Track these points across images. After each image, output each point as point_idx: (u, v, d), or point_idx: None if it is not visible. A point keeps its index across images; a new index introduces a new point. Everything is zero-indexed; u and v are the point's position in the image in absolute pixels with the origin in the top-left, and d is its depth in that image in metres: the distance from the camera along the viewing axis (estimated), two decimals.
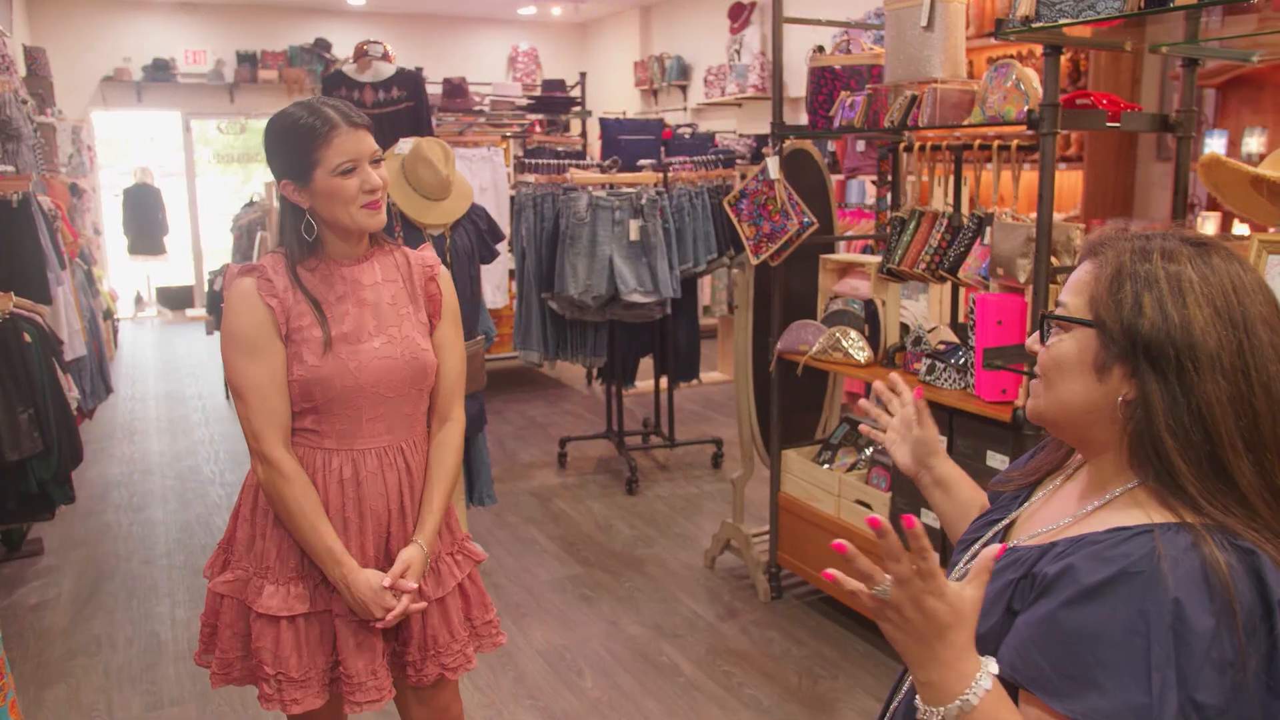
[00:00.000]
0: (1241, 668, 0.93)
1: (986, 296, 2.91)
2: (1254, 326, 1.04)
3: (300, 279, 1.90)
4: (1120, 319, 1.05)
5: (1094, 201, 5.59)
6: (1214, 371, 1.01)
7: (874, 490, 3.40)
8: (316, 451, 1.93)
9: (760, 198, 3.64)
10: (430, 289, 2.04)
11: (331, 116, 1.85)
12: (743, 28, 9.60)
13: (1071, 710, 0.95)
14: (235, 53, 11.19)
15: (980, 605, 1.00)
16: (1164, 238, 1.11)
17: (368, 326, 1.93)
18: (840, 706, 3.13)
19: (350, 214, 1.86)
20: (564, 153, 6.56)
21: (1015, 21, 2.47)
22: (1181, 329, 1.02)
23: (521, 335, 5.35)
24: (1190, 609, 0.93)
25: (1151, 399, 1.03)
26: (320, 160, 1.83)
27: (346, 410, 1.91)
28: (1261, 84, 4.89)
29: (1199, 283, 1.04)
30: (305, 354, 1.88)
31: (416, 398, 2.00)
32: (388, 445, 1.96)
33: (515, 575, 4.15)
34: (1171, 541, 0.97)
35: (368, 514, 1.95)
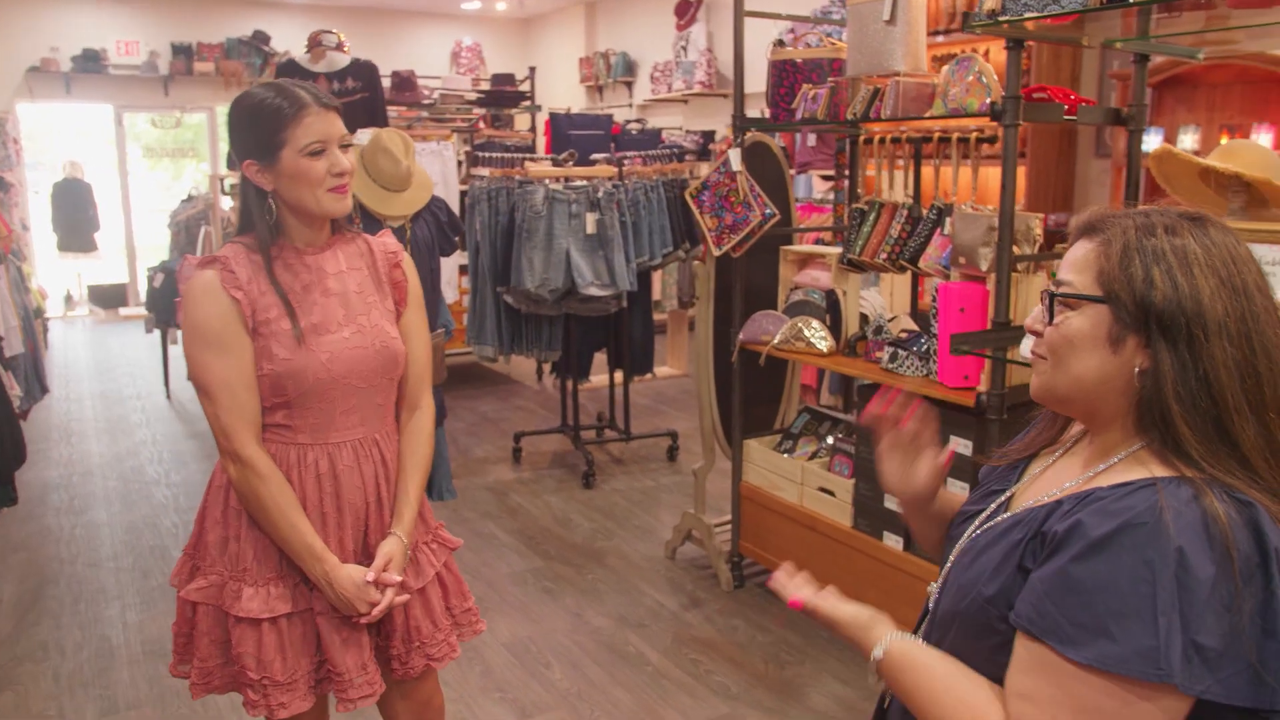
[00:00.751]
0: (1239, 611, 0.97)
1: (949, 285, 2.97)
2: (1253, 294, 1.09)
3: (270, 268, 1.85)
4: (1133, 292, 1.09)
5: (1037, 196, 5.72)
6: (1221, 338, 1.06)
7: (837, 477, 3.45)
8: (290, 447, 1.88)
9: (722, 190, 3.67)
10: (395, 275, 2.00)
11: (302, 96, 1.80)
12: (689, 24, 9.64)
13: (1084, 657, 1.00)
14: (170, 44, 10.95)
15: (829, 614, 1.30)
16: (1162, 214, 1.15)
17: (336, 316, 1.88)
18: (808, 691, 3.17)
19: (316, 197, 1.81)
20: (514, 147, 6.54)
21: (982, 15, 2.52)
22: (1191, 298, 1.06)
23: (476, 330, 5.32)
24: (1192, 557, 0.97)
25: (1162, 367, 1.07)
26: (288, 139, 1.78)
27: (320, 403, 1.87)
28: (1195, 83, 5.05)
29: (1202, 254, 1.09)
30: (275, 347, 1.83)
31: (388, 387, 1.97)
32: (362, 437, 1.93)
33: (475, 570, 4.13)
34: (1174, 494, 1.02)
35: (346, 508, 1.91)
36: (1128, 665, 0.98)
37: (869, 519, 3.30)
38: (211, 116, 11.46)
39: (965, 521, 1.35)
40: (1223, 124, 4.92)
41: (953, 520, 1.40)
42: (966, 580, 1.19)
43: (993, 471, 1.40)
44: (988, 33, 2.60)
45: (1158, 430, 1.09)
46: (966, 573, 1.20)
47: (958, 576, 1.23)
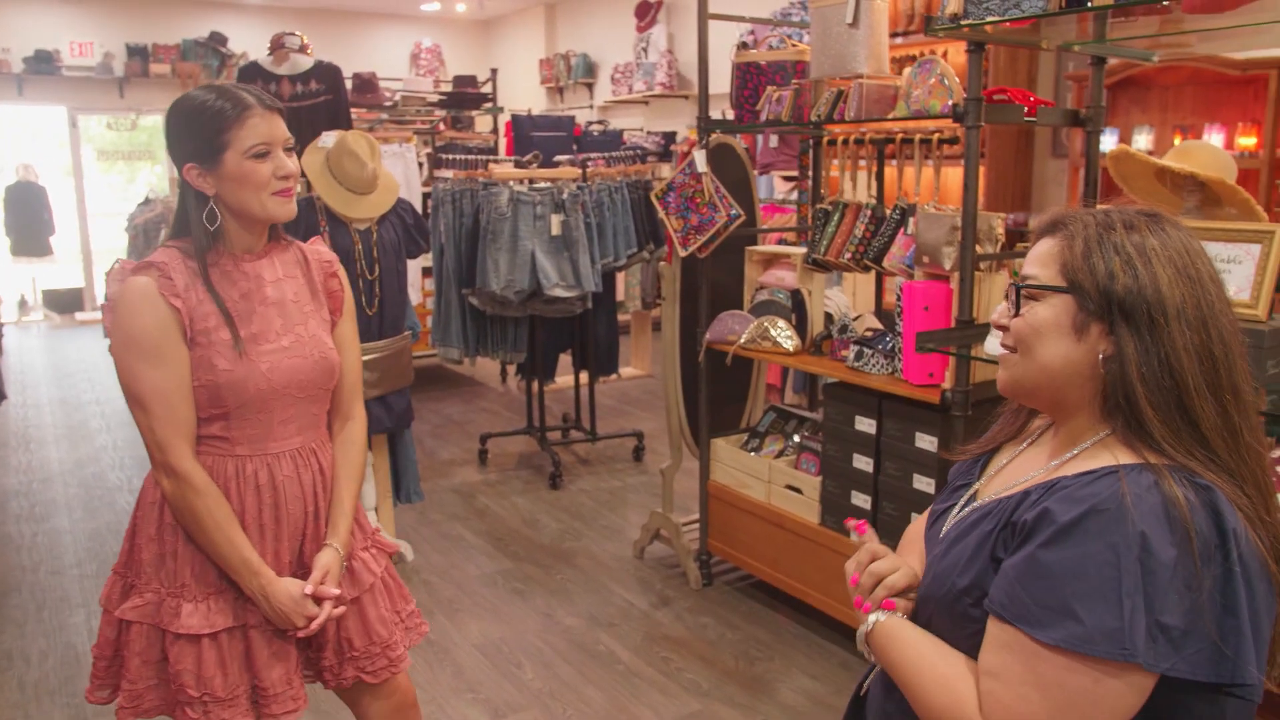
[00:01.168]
0: (1199, 590, 1.03)
1: (913, 284, 3.01)
2: (1206, 283, 1.16)
3: (206, 276, 1.79)
4: (1096, 282, 1.15)
5: (995, 196, 5.81)
6: (1179, 323, 1.12)
7: (804, 475, 3.48)
8: (228, 459, 1.84)
9: (688, 191, 3.70)
10: (331, 285, 1.97)
11: (244, 97, 1.76)
12: (649, 26, 9.67)
13: (1051, 638, 1.05)
14: (125, 45, 10.80)
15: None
16: (1121, 212, 1.21)
17: (274, 326, 1.84)
18: (778, 686, 3.21)
19: (261, 201, 1.77)
20: (476, 149, 6.53)
21: (944, 19, 2.57)
22: (1150, 286, 1.13)
23: (441, 332, 5.31)
24: (1154, 541, 1.03)
25: (1126, 351, 1.13)
26: (231, 142, 1.74)
27: (258, 414, 1.83)
28: (1148, 85, 5.15)
29: (1159, 247, 1.15)
30: (214, 358, 1.78)
31: (324, 398, 1.94)
32: (300, 447, 1.90)
33: (444, 572, 4.13)
34: (1135, 480, 1.07)
35: (285, 519, 1.88)
36: (1093, 645, 1.02)
37: (836, 516, 3.34)
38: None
39: (937, 520, 1.39)
40: (1176, 124, 5.03)
41: (928, 524, 1.44)
42: (941, 571, 1.24)
43: (959, 467, 1.45)
44: (950, 36, 2.65)
45: (1123, 413, 1.15)
46: (941, 563, 1.25)
47: (934, 568, 1.27)
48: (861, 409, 3.22)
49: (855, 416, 3.24)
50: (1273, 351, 2.15)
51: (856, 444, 3.25)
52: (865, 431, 3.21)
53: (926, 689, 1.18)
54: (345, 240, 3.65)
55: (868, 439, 3.21)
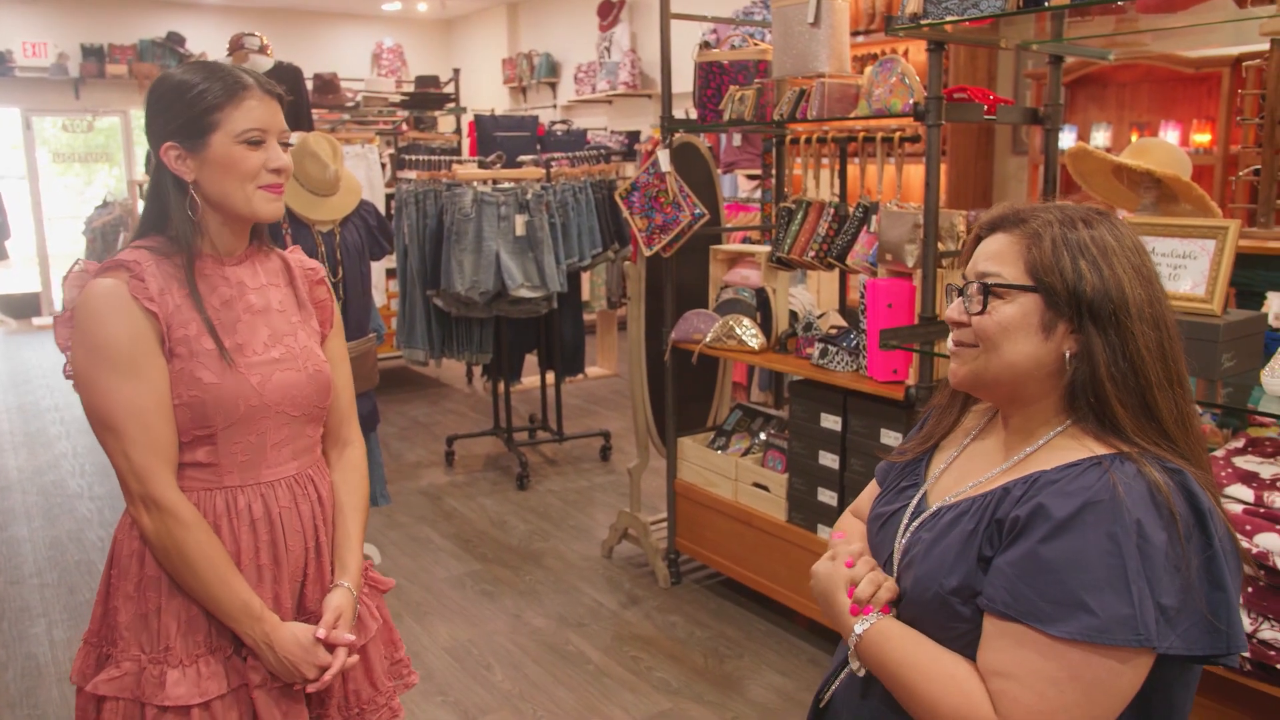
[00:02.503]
0: (1188, 569, 1.07)
1: (876, 281, 3.04)
2: (1155, 281, 1.20)
3: (191, 274, 1.59)
4: (1065, 282, 1.17)
5: (957, 193, 5.86)
6: (1141, 321, 1.16)
7: (770, 472, 3.50)
8: (217, 492, 1.61)
9: (652, 190, 3.70)
10: (318, 294, 1.79)
11: (243, 77, 1.57)
12: (612, 25, 9.67)
13: (1067, 632, 1.06)
14: (80, 45, 10.64)
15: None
16: (1075, 209, 1.23)
17: (261, 336, 1.64)
18: (748, 683, 3.22)
19: (246, 194, 1.56)
20: (439, 149, 6.50)
21: (904, 18, 2.59)
22: (1115, 287, 1.16)
23: (406, 334, 5.28)
24: (1148, 526, 1.06)
25: (1094, 350, 1.16)
26: (223, 122, 1.54)
27: (249, 436, 1.61)
28: (1106, 82, 5.22)
29: (1116, 246, 1.19)
30: (198, 370, 1.56)
31: (319, 417, 1.74)
32: (296, 474, 1.69)
33: (413, 574, 4.11)
34: (1120, 470, 1.10)
35: (285, 558, 1.66)
36: (1109, 634, 1.04)
37: (803, 513, 3.36)
38: (125, 120, 11.17)
39: (885, 524, 1.37)
40: (1133, 121, 5.10)
41: (870, 526, 1.42)
42: (924, 574, 1.22)
43: (891, 469, 1.44)
44: (910, 35, 2.67)
45: (1092, 409, 1.17)
46: (921, 567, 1.23)
47: (910, 572, 1.26)
48: (827, 406, 3.24)
49: (821, 414, 3.26)
50: (1227, 345, 2.19)
51: (822, 441, 3.27)
52: (831, 428, 3.24)
53: (933, 689, 1.15)
54: (308, 242, 3.62)
55: (833, 436, 3.23)
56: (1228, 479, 2.12)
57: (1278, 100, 2.73)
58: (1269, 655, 1.97)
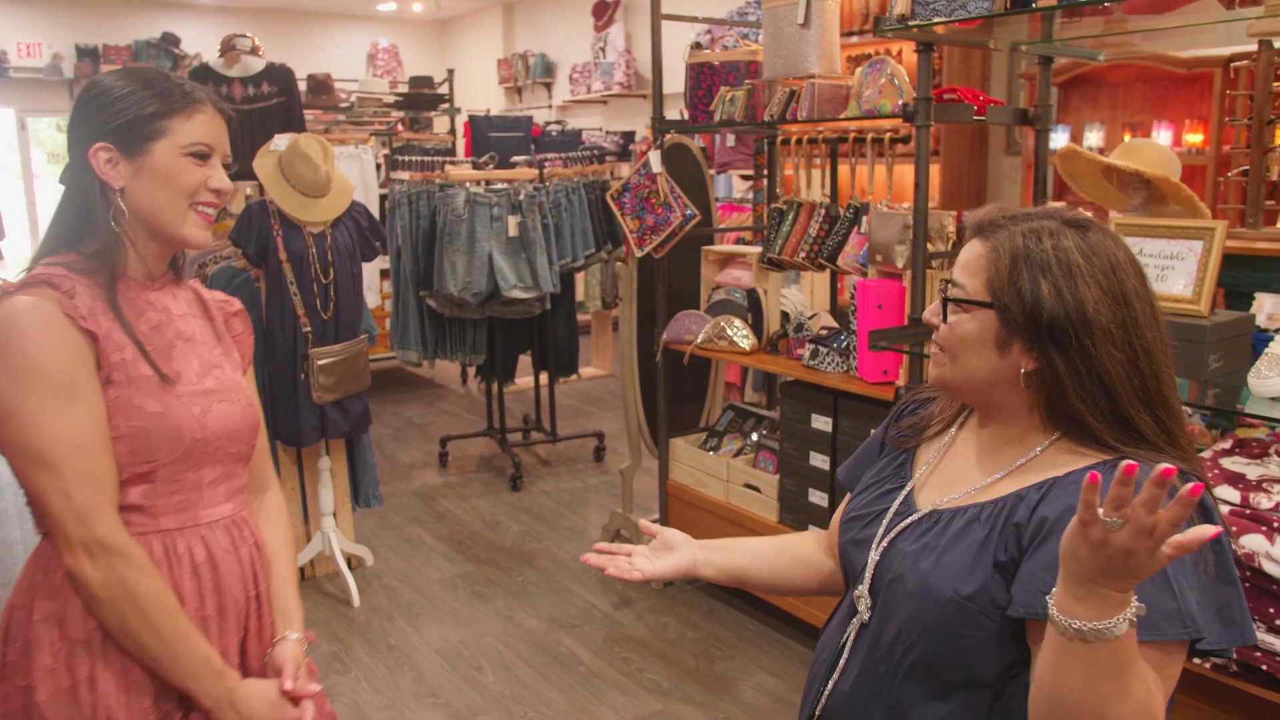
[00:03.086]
0: (1205, 564, 1.07)
1: (866, 282, 3.04)
2: (1131, 301, 1.16)
3: (113, 295, 1.42)
4: (1022, 303, 1.16)
5: (951, 193, 5.86)
6: (1107, 344, 1.14)
7: (762, 473, 3.50)
8: (152, 538, 1.44)
9: (643, 191, 3.70)
10: (235, 327, 1.65)
11: (198, 89, 1.47)
12: (607, 25, 9.67)
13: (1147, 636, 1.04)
14: (75, 46, 10.62)
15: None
16: (1048, 218, 1.21)
17: (194, 365, 1.50)
18: (738, 684, 3.22)
19: (179, 211, 1.43)
20: (434, 150, 6.50)
21: (892, 19, 2.59)
22: (1076, 310, 1.14)
23: (399, 335, 5.28)
24: None
25: (1058, 372, 1.15)
26: (171, 130, 1.42)
27: (189, 473, 1.47)
28: (1099, 82, 5.23)
29: (1084, 265, 1.16)
30: (136, 397, 1.40)
31: (249, 456, 1.59)
32: (232, 516, 1.54)
33: (405, 576, 4.10)
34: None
35: (229, 607, 1.51)
36: (1160, 630, 1.03)
37: (794, 513, 3.36)
38: None
39: (868, 524, 1.34)
40: (1125, 121, 5.10)
41: (847, 526, 1.39)
42: (935, 578, 1.19)
43: (871, 470, 1.42)
44: (898, 36, 2.67)
45: (1073, 427, 1.17)
46: (932, 573, 1.20)
47: (913, 582, 1.22)
48: (817, 407, 3.24)
49: (811, 414, 3.26)
50: (1214, 346, 2.19)
51: (813, 442, 3.27)
52: (821, 429, 3.24)
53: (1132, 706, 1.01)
54: (299, 244, 3.61)
55: (824, 437, 3.23)
56: (1214, 480, 2.12)
57: (1266, 101, 2.73)
58: (1254, 656, 1.97)
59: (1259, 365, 2.14)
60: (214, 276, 3.82)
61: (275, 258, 3.59)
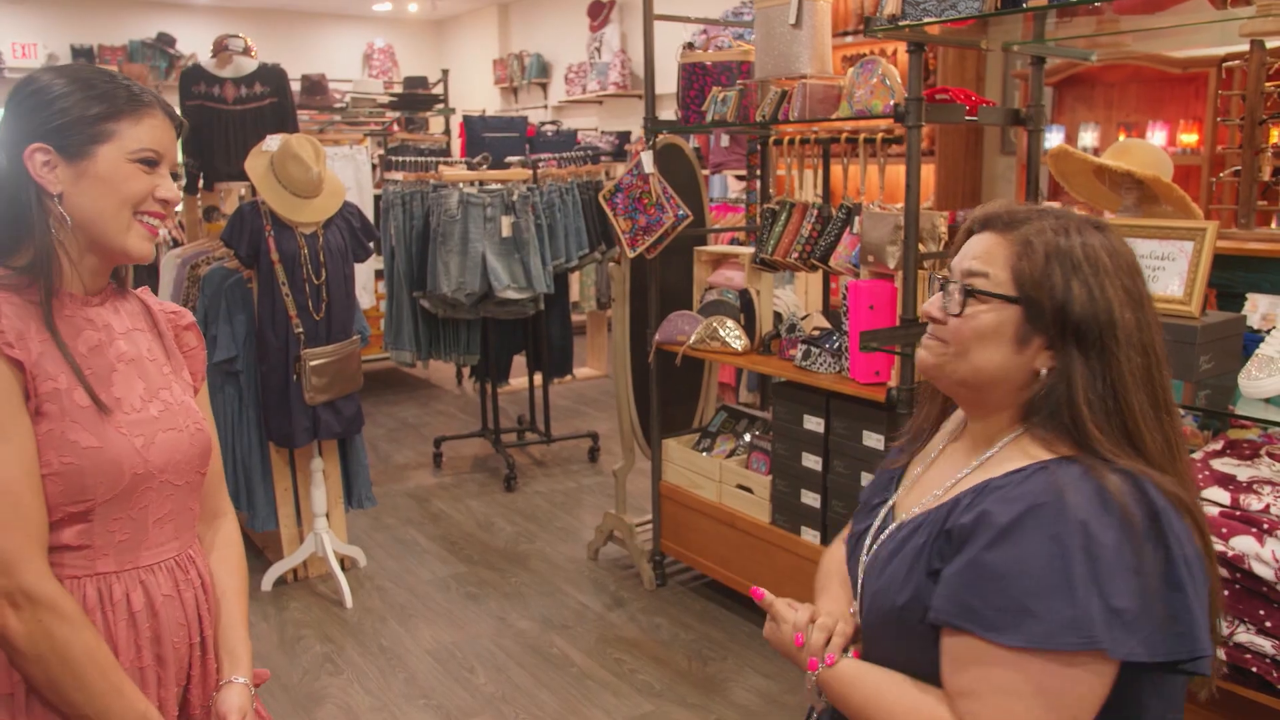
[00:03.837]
0: (1144, 572, 1.03)
1: (858, 283, 3.03)
2: (1145, 304, 1.14)
3: (47, 317, 1.31)
4: (1054, 299, 1.12)
5: (946, 193, 5.86)
6: (1128, 347, 1.11)
7: (754, 474, 3.49)
8: (87, 580, 1.34)
9: (635, 191, 3.69)
10: (186, 341, 1.55)
11: (147, 93, 1.37)
12: (602, 25, 9.66)
13: (1012, 641, 1.03)
14: (70, 46, 10.60)
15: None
16: (1071, 218, 1.17)
17: (138, 389, 1.39)
18: (731, 686, 3.21)
19: (123, 221, 1.33)
20: (428, 150, 6.48)
21: (883, 19, 2.59)
22: (1105, 310, 1.11)
23: (393, 335, 5.27)
24: (1095, 527, 1.02)
25: (1073, 371, 1.12)
26: (119, 134, 1.32)
27: (130, 510, 1.36)
28: (1094, 82, 5.22)
29: (1110, 264, 1.13)
30: (73, 431, 1.29)
31: (199, 485, 1.49)
32: (178, 555, 1.44)
33: (397, 577, 4.09)
34: (1066, 472, 1.07)
35: (169, 656, 1.40)
36: (1055, 639, 1.01)
37: (786, 515, 3.35)
38: None
39: (857, 543, 1.36)
40: (1120, 122, 5.09)
41: (847, 550, 1.40)
42: (879, 590, 1.21)
43: (873, 486, 1.42)
44: (889, 37, 2.67)
45: (1059, 427, 1.13)
46: (877, 583, 1.22)
47: (870, 590, 1.25)
48: (809, 408, 3.24)
49: (804, 415, 3.26)
50: (1205, 347, 2.18)
51: (805, 443, 3.26)
52: (813, 430, 3.23)
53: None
54: (291, 245, 3.61)
55: (816, 438, 3.22)
56: (1205, 481, 2.11)
57: (1258, 101, 2.72)
58: (1245, 659, 1.96)
59: (1249, 367, 2.14)
60: (207, 277, 3.81)
61: (267, 258, 3.59)
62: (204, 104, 4.16)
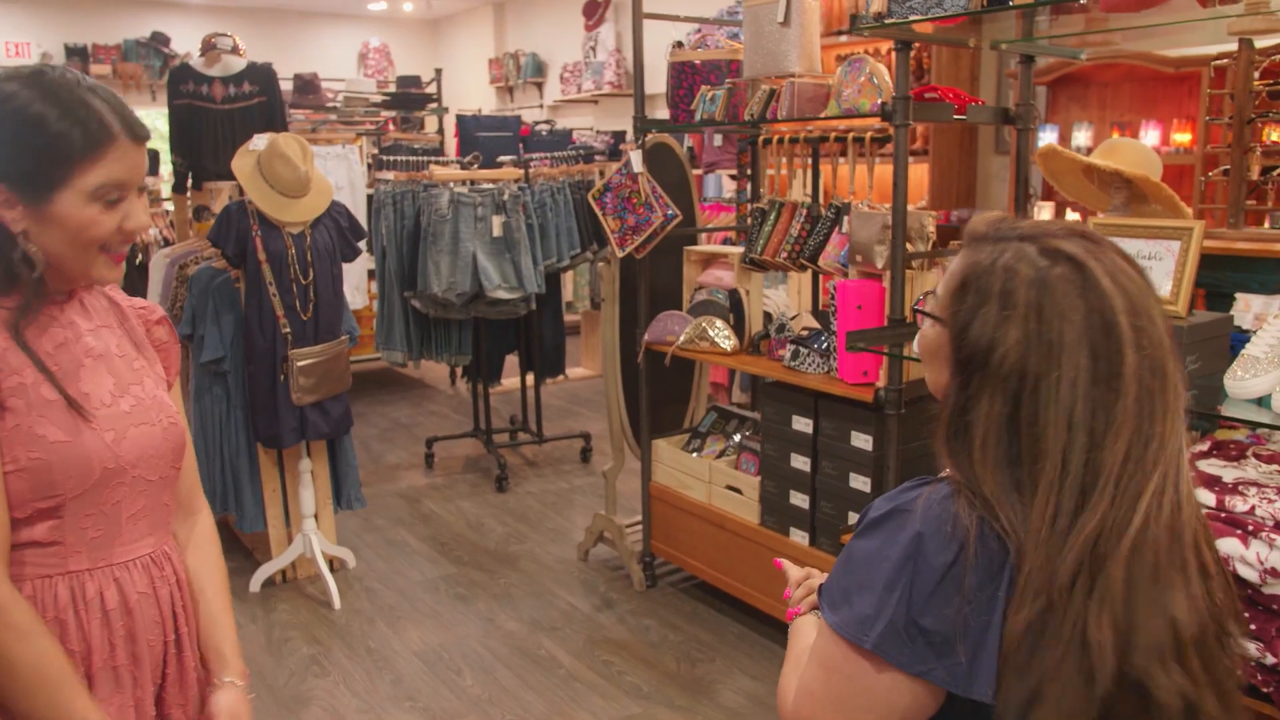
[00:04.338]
0: (971, 604, 0.99)
1: (846, 283, 3.01)
2: (1061, 358, 1.01)
3: (19, 325, 1.30)
4: (955, 325, 1.07)
5: (940, 193, 5.84)
6: (993, 394, 1.03)
7: (744, 475, 3.48)
8: (59, 579, 1.31)
9: (624, 191, 3.68)
10: (158, 336, 1.52)
11: (108, 121, 1.28)
12: (597, 25, 9.64)
13: (829, 619, 1.09)
14: (64, 45, 10.58)
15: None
16: (1023, 241, 1.07)
17: (107, 384, 1.37)
18: (719, 688, 3.19)
19: (88, 259, 1.31)
20: (422, 150, 6.47)
21: (869, 17, 2.57)
22: (984, 345, 1.03)
23: (384, 335, 5.25)
24: (929, 544, 1.02)
25: (949, 399, 1.08)
26: (76, 178, 1.26)
27: (103, 506, 1.33)
28: (1088, 82, 5.21)
29: (1024, 300, 1.02)
30: (41, 426, 1.28)
31: (174, 481, 1.47)
32: (153, 551, 1.41)
33: (386, 578, 4.08)
34: (936, 489, 1.07)
35: (144, 655, 1.38)
36: (845, 629, 1.06)
37: (776, 516, 3.34)
38: None
39: None
40: (1114, 121, 5.08)
41: None
42: None
43: None
44: (874, 34, 2.65)
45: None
46: None
47: None
48: (798, 408, 3.22)
49: (792, 416, 3.24)
50: (1192, 348, 2.17)
51: (794, 443, 3.24)
52: (802, 431, 3.21)
53: (787, 672, 1.21)
54: (278, 244, 3.59)
55: (805, 438, 3.21)
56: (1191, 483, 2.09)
57: (1246, 99, 2.71)
58: None
59: (1234, 367, 2.12)
60: (194, 277, 3.79)
61: (254, 258, 3.57)
62: (192, 103, 4.14)
